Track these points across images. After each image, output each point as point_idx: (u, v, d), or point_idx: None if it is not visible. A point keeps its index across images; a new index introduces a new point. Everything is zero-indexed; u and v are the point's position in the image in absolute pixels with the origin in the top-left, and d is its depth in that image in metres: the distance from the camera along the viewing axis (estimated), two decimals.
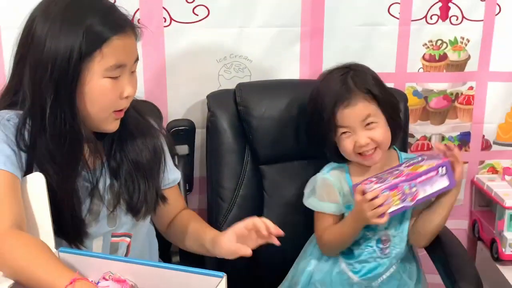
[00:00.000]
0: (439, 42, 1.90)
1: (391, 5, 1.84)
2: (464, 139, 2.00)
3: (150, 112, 1.56)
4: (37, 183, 1.21)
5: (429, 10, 1.86)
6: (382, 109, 1.52)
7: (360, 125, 1.50)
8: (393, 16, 1.85)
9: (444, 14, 1.87)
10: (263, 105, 1.73)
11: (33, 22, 1.23)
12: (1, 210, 1.15)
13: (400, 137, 1.66)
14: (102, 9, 1.24)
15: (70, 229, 1.27)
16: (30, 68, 1.23)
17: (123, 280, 1.07)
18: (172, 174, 1.48)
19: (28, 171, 1.24)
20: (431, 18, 1.87)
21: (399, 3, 1.84)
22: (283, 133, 1.73)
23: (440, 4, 1.86)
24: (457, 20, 1.88)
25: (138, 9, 1.78)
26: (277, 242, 1.31)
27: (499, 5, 1.87)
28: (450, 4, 1.86)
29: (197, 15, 1.80)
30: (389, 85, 1.72)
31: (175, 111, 1.87)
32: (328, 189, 1.56)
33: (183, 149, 1.75)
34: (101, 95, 1.24)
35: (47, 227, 1.18)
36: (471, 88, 1.96)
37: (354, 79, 1.53)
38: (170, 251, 1.65)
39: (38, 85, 1.22)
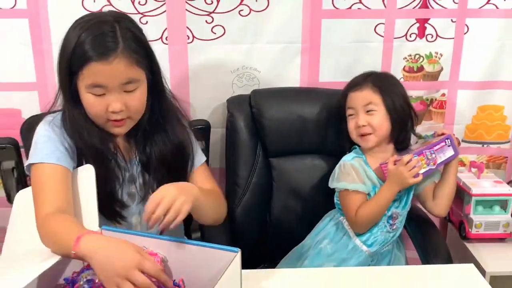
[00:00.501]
0: (417, 56, 1.89)
1: (377, 25, 1.84)
2: None
3: None
4: (87, 173, 1.22)
5: (408, 29, 1.86)
6: (385, 104, 1.53)
7: (362, 109, 1.54)
8: (378, 34, 1.85)
9: (421, 33, 1.87)
10: (273, 108, 1.73)
11: None
12: (48, 197, 1.16)
13: (403, 138, 1.61)
14: (96, 32, 1.17)
15: (109, 208, 1.27)
16: None
17: (155, 254, 1.07)
18: (196, 158, 1.41)
19: (79, 162, 1.25)
20: (410, 36, 1.86)
21: (383, 24, 1.83)
22: (289, 132, 1.73)
23: (418, 24, 1.85)
24: (432, 38, 1.87)
25: (166, 28, 1.77)
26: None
27: (467, 26, 1.86)
28: (426, 25, 1.86)
29: (215, 33, 1.80)
30: None
31: (196, 113, 1.86)
32: (356, 172, 1.54)
33: (199, 144, 1.75)
34: (89, 106, 1.22)
35: (94, 208, 1.18)
36: (443, 95, 1.95)
37: (372, 76, 1.58)
38: (190, 229, 1.65)
39: (60, 89, 1.25)
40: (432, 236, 1.61)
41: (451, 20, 1.85)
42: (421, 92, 1.94)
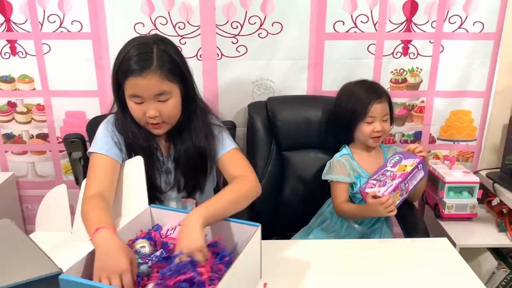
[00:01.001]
0: (402, 70, 1.87)
1: (369, 45, 1.81)
2: (417, 136, 1.96)
3: None
4: (138, 163, 1.22)
5: (395, 48, 1.83)
6: (391, 113, 1.54)
7: (381, 118, 1.51)
8: (370, 52, 1.83)
9: (405, 52, 1.84)
10: (285, 112, 1.72)
11: None
12: (92, 182, 1.15)
13: None
14: (137, 52, 1.15)
15: (149, 192, 1.24)
16: None
17: None
18: (221, 149, 1.31)
19: (129, 154, 1.25)
20: (396, 54, 1.84)
21: (375, 44, 1.81)
22: (297, 131, 1.71)
23: (402, 45, 1.83)
24: (414, 55, 1.84)
25: (200, 47, 1.77)
26: None
27: (442, 46, 1.83)
28: (409, 45, 1.83)
29: (239, 52, 1.80)
30: None
31: (223, 115, 1.86)
32: (341, 167, 1.54)
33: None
34: (132, 112, 1.21)
35: (144, 191, 1.18)
36: (423, 101, 1.92)
37: (380, 87, 1.56)
38: None
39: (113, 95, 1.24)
40: (413, 216, 1.59)
41: (429, 41, 1.83)
42: (404, 99, 1.92)
